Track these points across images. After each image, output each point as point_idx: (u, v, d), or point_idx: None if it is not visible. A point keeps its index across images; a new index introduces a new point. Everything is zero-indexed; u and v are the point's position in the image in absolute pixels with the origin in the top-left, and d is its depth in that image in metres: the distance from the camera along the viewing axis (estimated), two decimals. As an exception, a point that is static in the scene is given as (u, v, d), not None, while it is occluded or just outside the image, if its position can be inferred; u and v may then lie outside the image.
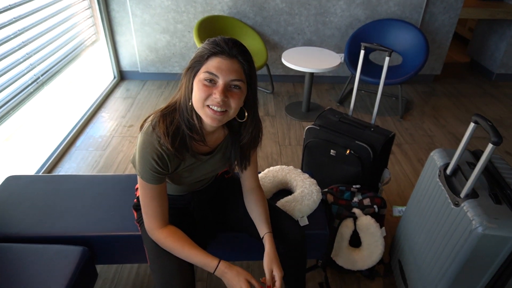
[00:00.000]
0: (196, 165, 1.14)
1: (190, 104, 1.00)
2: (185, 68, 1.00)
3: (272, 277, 1.11)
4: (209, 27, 3.16)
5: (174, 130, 1.02)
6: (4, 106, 1.97)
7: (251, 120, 1.08)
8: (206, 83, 0.95)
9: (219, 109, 0.96)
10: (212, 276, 1.70)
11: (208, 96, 0.95)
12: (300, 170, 1.65)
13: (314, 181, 1.58)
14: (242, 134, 1.11)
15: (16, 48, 2.07)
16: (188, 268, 1.11)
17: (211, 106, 0.96)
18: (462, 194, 1.17)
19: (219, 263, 1.06)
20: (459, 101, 3.47)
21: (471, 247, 1.10)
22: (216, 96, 0.94)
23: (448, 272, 1.20)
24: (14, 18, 2.05)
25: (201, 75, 0.95)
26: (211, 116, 0.97)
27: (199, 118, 1.03)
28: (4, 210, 1.46)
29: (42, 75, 2.34)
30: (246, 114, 1.06)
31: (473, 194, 1.16)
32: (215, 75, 0.94)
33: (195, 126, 1.04)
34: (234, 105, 0.98)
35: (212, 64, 0.94)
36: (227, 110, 0.98)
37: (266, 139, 2.76)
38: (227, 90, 0.95)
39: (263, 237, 1.18)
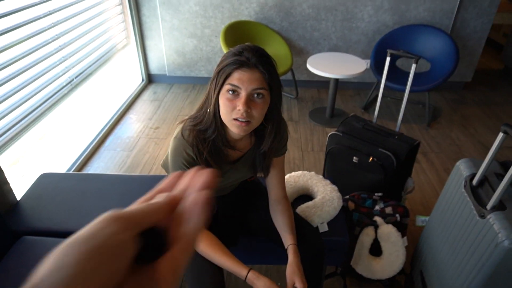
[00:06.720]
0: (225, 171, 1.18)
1: (218, 117, 1.05)
2: (210, 81, 1.04)
3: None
4: (235, 32, 3.21)
5: (206, 145, 1.07)
6: (40, 107, 2.08)
7: (271, 129, 1.10)
8: (229, 96, 0.99)
9: (243, 120, 1.00)
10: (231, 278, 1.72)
11: (233, 109, 0.99)
12: (321, 176, 1.65)
13: (336, 188, 1.58)
14: (263, 142, 1.14)
15: (53, 52, 2.19)
16: (219, 268, 1.15)
17: (236, 118, 1.00)
18: (489, 206, 1.14)
19: (248, 272, 1.09)
20: (490, 110, 3.34)
21: (497, 261, 1.07)
22: (240, 108, 0.98)
23: (472, 286, 1.16)
24: (52, 23, 2.16)
25: (225, 90, 1.00)
26: (238, 127, 1.01)
27: (226, 127, 1.08)
28: (37, 205, 1.54)
29: (76, 77, 2.45)
30: (267, 123, 1.09)
31: (500, 206, 1.12)
32: (238, 87, 0.97)
33: (223, 135, 1.09)
34: (257, 115, 1.01)
35: (234, 77, 0.98)
36: (250, 120, 1.01)
37: (288, 144, 2.75)
38: (250, 101, 0.99)
39: (287, 248, 1.19)
